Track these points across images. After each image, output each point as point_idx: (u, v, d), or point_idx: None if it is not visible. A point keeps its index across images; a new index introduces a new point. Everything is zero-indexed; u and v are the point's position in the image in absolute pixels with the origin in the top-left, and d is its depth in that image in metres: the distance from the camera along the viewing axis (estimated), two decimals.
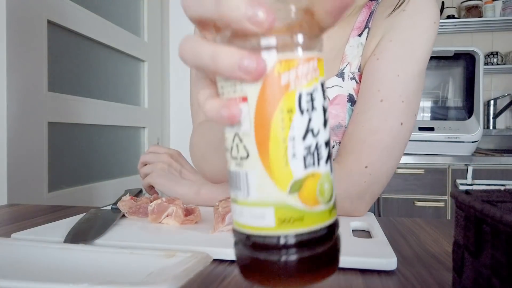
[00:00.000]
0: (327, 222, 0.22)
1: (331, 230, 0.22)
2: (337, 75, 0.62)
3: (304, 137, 0.21)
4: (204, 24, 0.22)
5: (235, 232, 0.24)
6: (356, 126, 0.56)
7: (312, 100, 0.21)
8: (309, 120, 0.21)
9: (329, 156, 0.22)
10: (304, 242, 0.21)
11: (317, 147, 0.22)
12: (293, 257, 0.21)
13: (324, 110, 0.22)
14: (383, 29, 0.59)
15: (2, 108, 0.94)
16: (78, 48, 1.28)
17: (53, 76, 1.14)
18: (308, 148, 0.21)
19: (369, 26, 0.62)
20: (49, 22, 1.11)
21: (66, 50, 1.22)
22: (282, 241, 0.21)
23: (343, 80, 0.61)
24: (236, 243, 0.24)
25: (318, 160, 0.22)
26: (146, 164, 0.68)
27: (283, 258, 0.21)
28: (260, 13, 0.19)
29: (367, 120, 0.55)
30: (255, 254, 0.22)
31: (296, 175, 0.21)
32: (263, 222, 0.21)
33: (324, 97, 0.22)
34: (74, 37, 1.26)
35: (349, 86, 0.61)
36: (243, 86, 0.21)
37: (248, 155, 0.21)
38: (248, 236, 0.22)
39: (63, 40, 1.20)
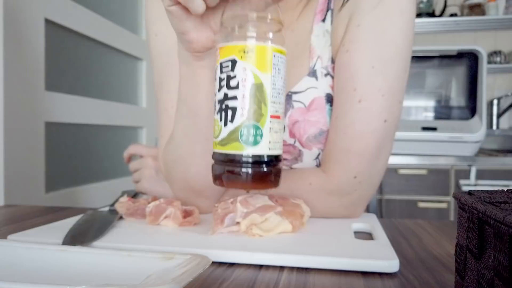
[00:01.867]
0: (214, 150, 0.37)
1: (215, 156, 0.37)
2: (308, 75, 0.55)
3: (214, 95, 0.37)
4: None
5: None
6: (337, 133, 0.52)
7: (214, 74, 0.37)
8: (214, 86, 0.37)
9: (219, 110, 0.35)
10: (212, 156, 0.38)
11: (215, 103, 0.36)
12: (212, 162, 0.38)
13: (219, 80, 0.35)
14: (347, 10, 0.52)
15: None
16: (76, 47, 1.29)
17: (51, 75, 1.14)
18: (213, 102, 0.37)
19: (332, 8, 0.55)
20: (46, 20, 1.11)
21: (64, 48, 1.22)
22: None
23: (317, 79, 0.55)
24: None
25: (215, 110, 0.36)
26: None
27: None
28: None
29: (348, 125, 0.51)
30: None
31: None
32: None
33: (221, 71, 0.35)
34: (71, 36, 1.26)
35: (325, 85, 0.55)
36: None
37: None
38: None
39: (61, 38, 1.20)
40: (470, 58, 1.86)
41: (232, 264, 0.38)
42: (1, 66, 0.93)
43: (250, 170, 0.35)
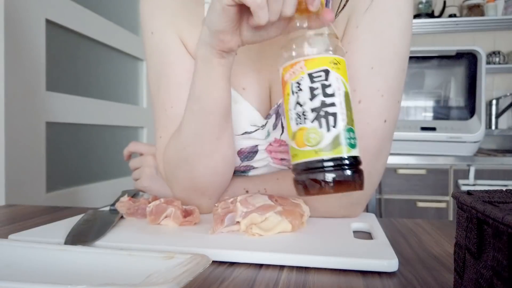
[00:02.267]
0: (314, 158, 0.36)
1: (319, 163, 0.36)
2: None
3: (295, 107, 0.38)
4: None
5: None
6: None
7: (298, 85, 0.37)
8: (297, 97, 0.38)
9: (317, 118, 0.37)
10: (299, 169, 0.38)
11: (304, 113, 0.37)
12: (298, 176, 0.38)
13: (311, 89, 0.37)
14: (346, 12, 0.53)
15: (0, 107, 0.94)
16: (77, 47, 1.29)
17: (52, 75, 1.14)
18: (297, 113, 0.38)
19: None
20: (47, 21, 1.11)
21: (65, 49, 1.22)
22: (292, 167, 0.39)
23: None
24: None
25: (305, 120, 0.37)
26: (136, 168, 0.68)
27: (296, 175, 0.39)
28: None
29: None
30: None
31: (293, 129, 0.38)
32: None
33: (312, 81, 0.37)
34: (72, 36, 1.26)
35: None
36: None
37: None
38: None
39: (62, 39, 1.20)
40: (469, 59, 1.87)
41: (232, 263, 0.38)
42: (2, 67, 0.93)
43: (355, 172, 0.37)
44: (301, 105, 0.37)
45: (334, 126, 0.36)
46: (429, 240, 0.47)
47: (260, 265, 0.37)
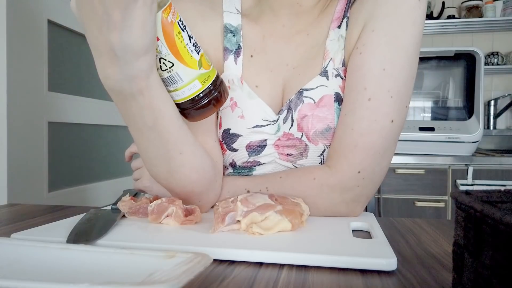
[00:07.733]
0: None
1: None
2: (320, 74, 0.58)
3: (190, 41, 0.45)
4: None
5: (184, 103, 0.47)
6: (345, 129, 0.54)
7: (182, 22, 0.44)
8: (187, 32, 0.44)
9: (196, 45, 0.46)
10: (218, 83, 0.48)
11: (195, 43, 0.45)
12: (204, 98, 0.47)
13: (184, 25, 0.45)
14: (363, 17, 0.56)
15: (2, 107, 0.94)
16: (78, 48, 1.29)
17: (53, 75, 1.14)
18: (192, 44, 0.45)
19: (348, 15, 0.59)
20: (49, 21, 1.12)
21: (66, 49, 1.22)
22: (206, 91, 0.47)
23: (328, 79, 0.58)
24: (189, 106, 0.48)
25: (196, 48, 0.45)
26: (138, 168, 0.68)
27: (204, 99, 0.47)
28: None
29: (356, 122, 0.53)
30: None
31: (197, 59, 0.45)
32: (195, 88, 0.46)
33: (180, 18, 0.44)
34: (74, 37, 1.26)
35: (335, 85, 0.57)
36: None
37: (173, 64, 0.44)
38: (192, 99, 0.47)
39: (63, 39, 1.20)
40: (467, 59, 1.87)
41: (232, 262, 0.38)
42: (4, 67, 0.93)
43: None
44: (192, 37, 0.45)
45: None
46: (427, 239, 0.47)
47: (260, 264, 0.38)
